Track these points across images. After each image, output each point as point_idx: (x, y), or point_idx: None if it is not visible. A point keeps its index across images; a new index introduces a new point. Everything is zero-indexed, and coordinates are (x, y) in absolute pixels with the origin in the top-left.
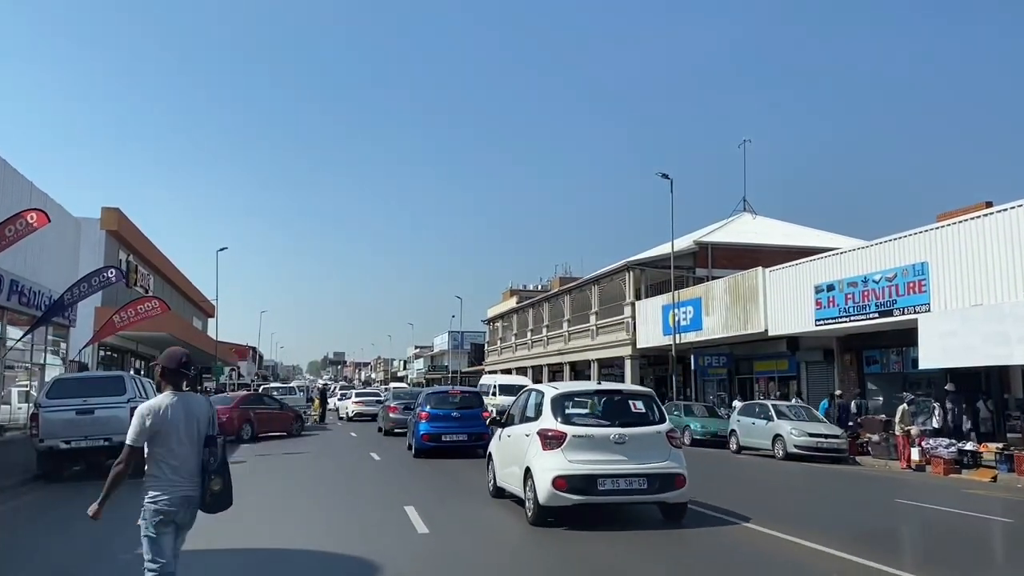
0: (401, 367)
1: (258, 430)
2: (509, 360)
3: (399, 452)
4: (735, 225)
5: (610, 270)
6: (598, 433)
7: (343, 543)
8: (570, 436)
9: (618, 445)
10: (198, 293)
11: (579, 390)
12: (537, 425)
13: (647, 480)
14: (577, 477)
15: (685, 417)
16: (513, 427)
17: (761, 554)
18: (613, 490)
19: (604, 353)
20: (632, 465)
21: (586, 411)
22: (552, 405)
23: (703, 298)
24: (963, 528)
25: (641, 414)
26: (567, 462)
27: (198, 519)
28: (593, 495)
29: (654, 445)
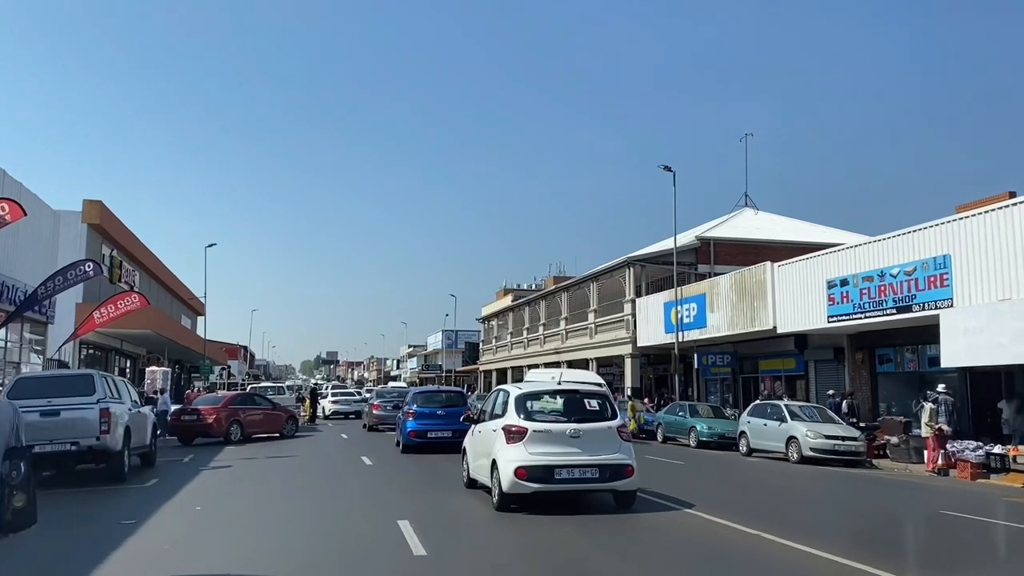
0: (394, 366)
1: (248, 431)
2: (504, 359)
3: (391, 455)
4: (737, 220)
5: (609, 266)
6: (556, 428)
7: (326, 571)
8: (531, 431)
9: (573, 439)
10: (187, 291)
11: (540, 390)
12: (502, 421)
13: (599, 470)
14: (536, 467)
15: (690, 418)
16: (484, 423)
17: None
18: (568, 479)
19: (603, 352)
20: (586, 457)
21: (546, 408)
22: (516, 403)
23: (707, 294)
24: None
25: (595, 411)
26: (528, 454)
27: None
28: (550, 483)
29: (606, 439)
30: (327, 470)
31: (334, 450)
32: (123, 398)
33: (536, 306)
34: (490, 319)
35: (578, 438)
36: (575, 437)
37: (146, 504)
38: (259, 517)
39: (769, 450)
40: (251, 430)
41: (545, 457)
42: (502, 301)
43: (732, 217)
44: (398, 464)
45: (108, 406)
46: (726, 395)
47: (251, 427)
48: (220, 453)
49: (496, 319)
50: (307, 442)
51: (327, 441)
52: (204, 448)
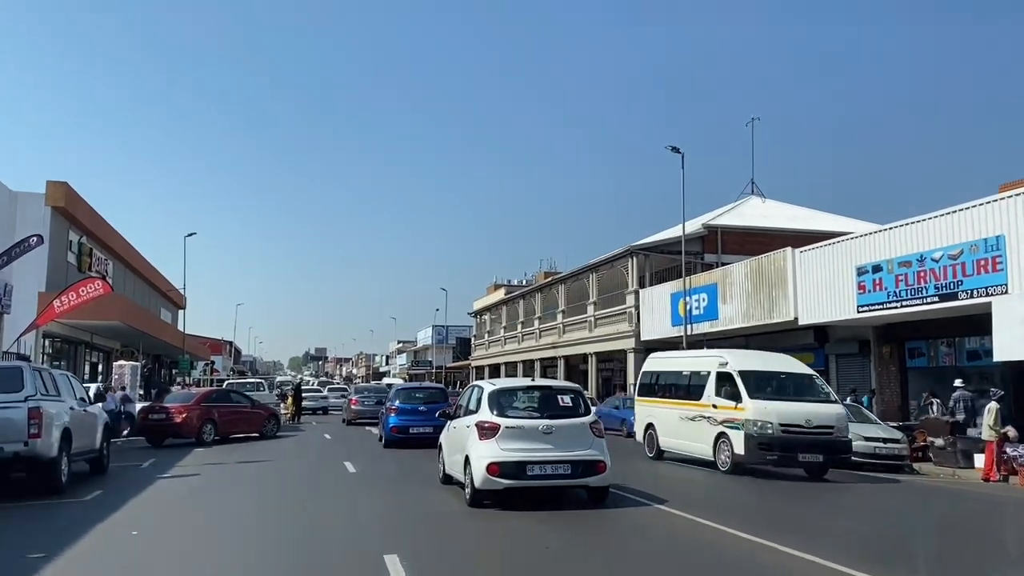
0: (383, 362)
1: (223, 431)
2: (498, 354)
3: (378, 459)
4: (743, 209)
5: (610, 256)
6: (528, 424)
7: None
8: (503, 427)
9: (546, 435)
10: (166, 283)
11: (514, 386)
12: (476, 417)
13: (571, 466)
14: (508, 463)
15: None
16: (459, 419)
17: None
18: (540, 475)
19: (603, 346)
20: (558, 453)
21: (520, 405)
22: (489, 399)
23: (719, 284)
24: None
25: (568, 407)
26: (500, 450)
27: None
28: (522, 479)
29: (579, 435)
30: (304, 478)
31: (315, 453)
32: (63, 395)
33: (531, 299)
34: (482, 313)
35: (551, 434)
36: (548, 433)
37: (75, 526)
38: (209, 548)
39: None
40: (227, 430)
41: (517, 453)
42: (495, 294)
43: (738, 205)
44: (382, 467)
45: (39, 405)
46: None
47: (227, 427)
48: (187, 456)
49: (489, 313)
50: (287, 443)
51: (308, 442)
52: (172, 450)
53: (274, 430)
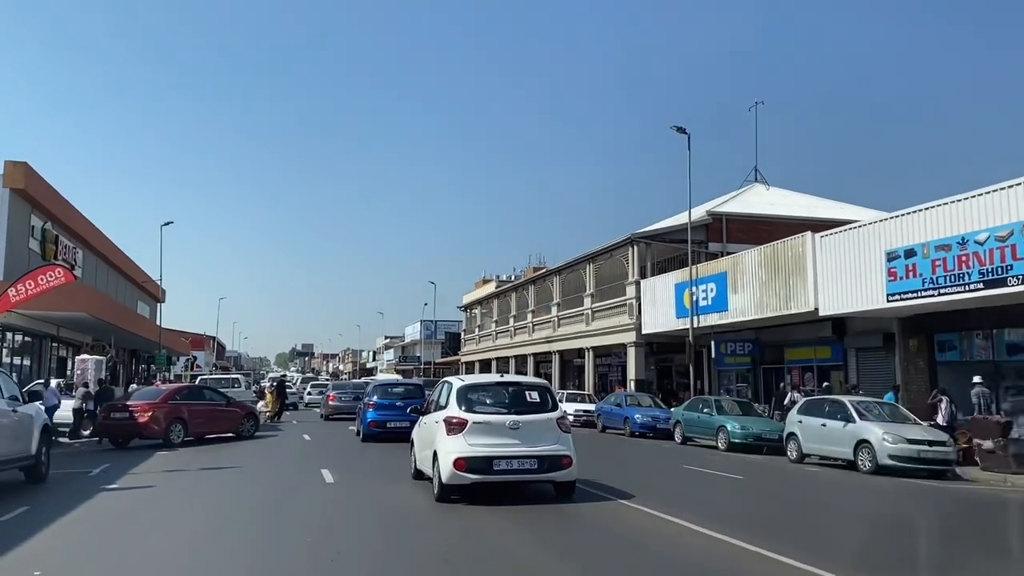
0: (370, 358)
1: (195, 431)
2: (488, 349)
3: (359, 461)
4: (747, 196)
5: (609, 245)
6: (495, 420)
7: None
8: (471, 422)
9: (513, 430)
10: (142, 274)
11: (482, 382)
12: (444, 413)
13: (538, 461)
14: (475, 458)
15: (717, 415)
16: (429, 415)
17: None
18: (507, 470)
19: (602, 340)
20: (525, 448)
21: (488, 400)
22: (457, 395)
23: (729, 272)
24: None
25: (536, 403)
26: (467, 445)
27: None
28: (489, 474)
29: (545, 430)
30: (274, 491)
31: (291, 457)
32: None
33: (524, 292)
34: (472, 307)
35: (518, 429)
36: (515, 429)
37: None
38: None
39: (829, 456)
40: (199, 430)
41: (484, 448)
42: (486, 288)
43: (742, 193)
44: (364, 476)
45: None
46: (742, 388)
47: (199, 426)
48: (147, 461)
49: (479, 307)
50: (264, 445)
51: (286, 444)
52: (134, 454)
53: (252, 430)
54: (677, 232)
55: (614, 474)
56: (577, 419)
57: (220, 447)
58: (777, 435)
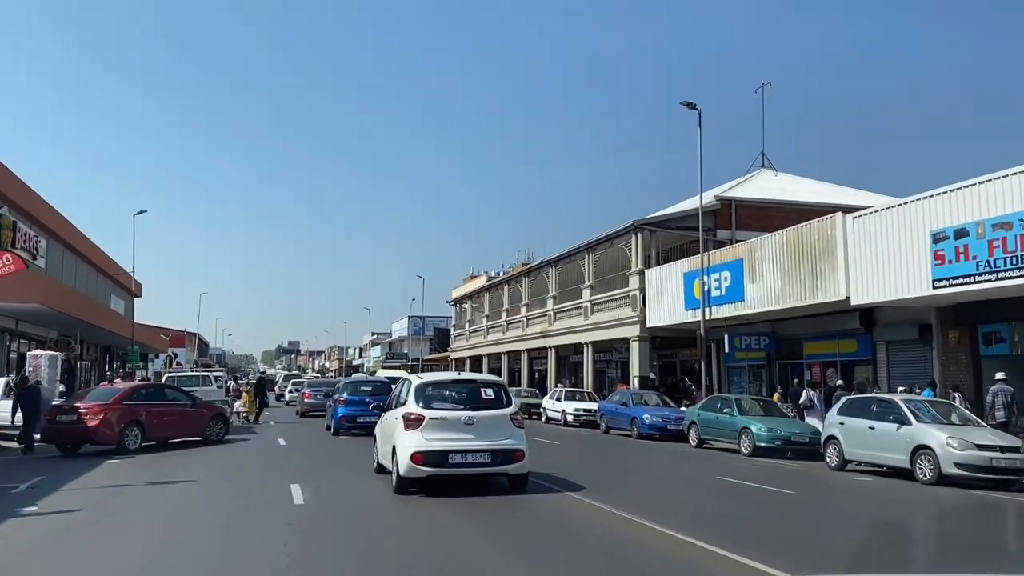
0: (357, 355)
1: (155, 435)
2: (479, 345)
3: (339, 480)
4: (756, 182)
5: (610, 233)
6: (451, 416)
7: None
8: (427, 418)
9: (468, 426)
10: (115, 266)
11: (439, 380)
12: (403, 409)
13: (491, 455)
14: (431, 452)
15: (739, 416)
16: (390, 411)
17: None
18: (462, 463)
19: (602, 334)
20: (479, 442)
21: (445, 397)
22: (415, 392)
23: (746, 260)
24: None
25: (491, 400)
26: (424, 440)
27: None
28: (445, 467)
29: (499, 426)
30: (228, 517)
31: (258, 468)
32: None
33: (517, 284)
34: (462, 301)
35: (472, 425)
36: (470, 424)
37: None
38: None
39: (878, 463)
40: (159, 434)
41: (440, 443)
42: (476, 281)
43: (749, 179)
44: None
45: None
46: (755, 385)
47: (159, 430)
48: (89, 473)
49: (470, 301)
50: (231, 452)
51: (257, 451)
52: (80, 462)
53: (221, 433)
54: (684, 219)
55: (637, 488)
56: (576, 419)
57: (182, 454)
58: (807, 437)
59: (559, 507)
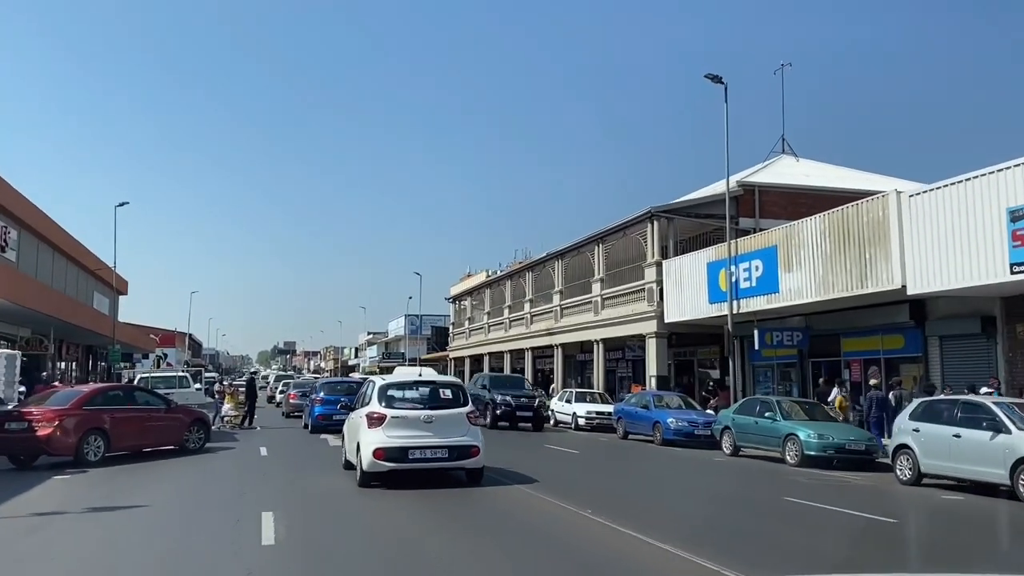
0: (353, 355)
1: (121, 444)
2: (480, 344)
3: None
4: (777, 168)
5: (623, 223)
6: (411, 414)
7: None
8: (389, 417)
9: (427, 424)
10: (96, 261)
11: (401, 381)
12: (367, 409)
13: (448, 451)
14: (392, 449)
15: (783, 420)
16: (356, 411)
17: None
18: (421, 458)
19: (614, 331)
20: (437, 439)
21: (406, 397)
22: (378, 393)
23: (780, 246)
24: None
25: (448, 399)
26: (385, 437)
27: None
28: (404, 462)
29: (456, 424)
30: (170, 564)
31: (231, 488)
32: None
33: (521, 279)
34: (461, 299)
35: (431, 423)
36: (428, 422)
37: None
38: None
39: (964, 478)
40: (127, 443)
41: (401, 440)
42: (476, 278)
43: (769, 165)
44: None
45: None
46: (784, 385)
47: (126, 439)
48: (25, 494)
49: (470, 297)
50: (206, 465)
51: (235, 464)
52: (25, 478)
53: (200, 442)
54: (704, 205)
55: (700, 515)
56: (589, 422)
57: (149, 467)
58: (863, 445)
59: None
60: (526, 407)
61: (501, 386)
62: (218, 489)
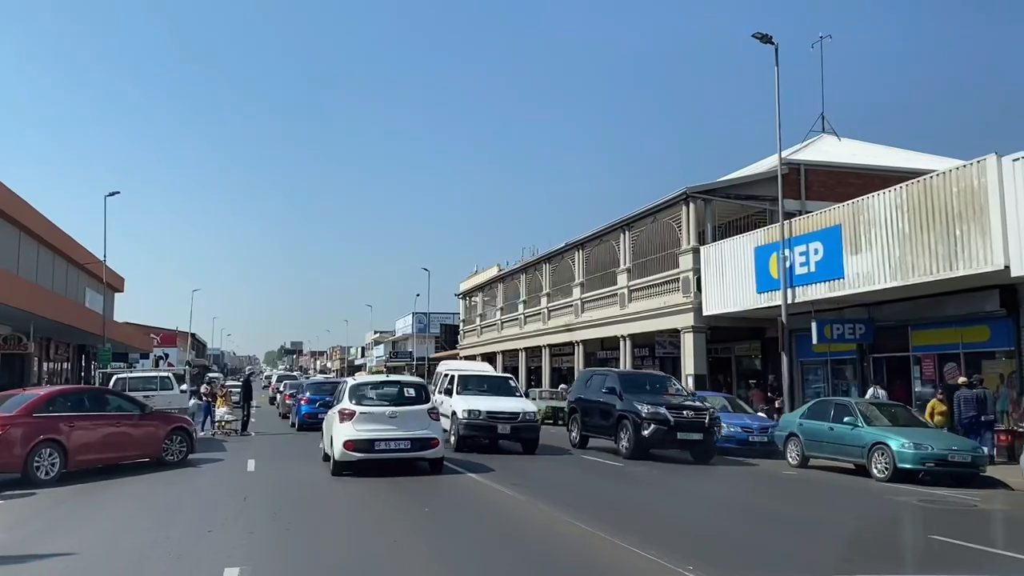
0: (359, 354)
1: (81, 459)
2: (493, 341)
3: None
4: (819, 147)
5: (653, 206)
6: (377, 410)
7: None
8: (358, 413)
9: (392, 419)
10: (87, 254)
11: (370, 381)
12: (340, 406)
13: (411, 443)
14: (360, 441)
15: (867, 427)
16: (332, 408)
17: None
18: (386, 449)
19: (644, 325)
20: (401, 432)
21: (374, 395)
22: (350, 392)
23: (845, 226)
24: None
25: (412, 397)
26: (355, 430)
27: None
28: (371, 453)
29: (418, 418)
30: None
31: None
32: None
33: (537, 272)
34: (472, 294)
35: (396, 418)
36: (393, 417)
37: None
38: None
39: None
40: (91, 456)
41: (368, 432)
42: (487, 272)
43: (809, 145)
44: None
45: None
46: (840, 384)
47: (89, 451)
48: None
49: (481, 293)
50: (180, 484)
51: (214, 483)
52: None
53: (182, 452)
54: (745, 185)
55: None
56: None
57: (110, 487)
58: (968, 456)
59: None
60: (692, 424)
61: (638, 389)
62: (182, 523)
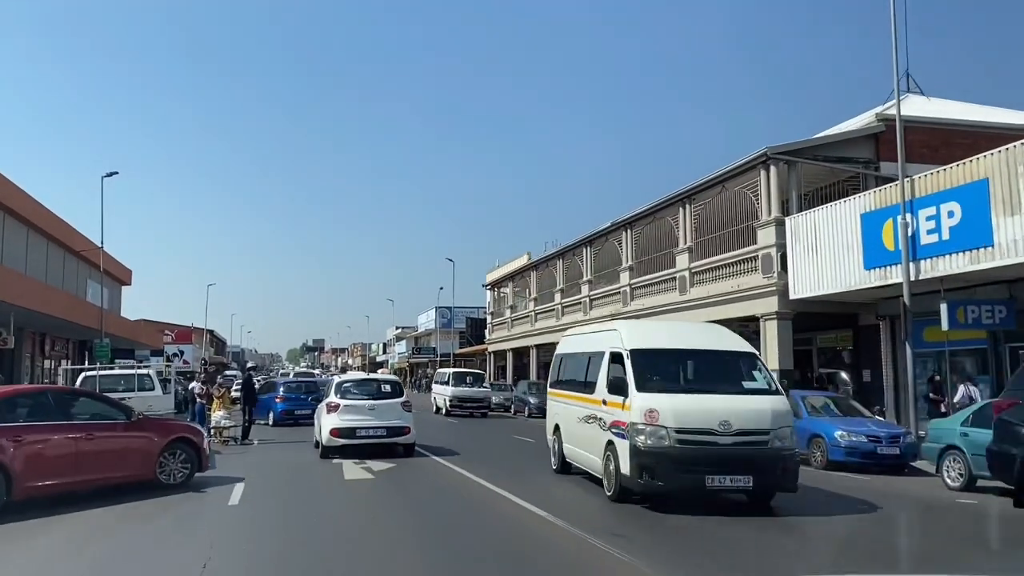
0: (381, 351)
1: (38, 482)
2: (525, 335)
3: None
4: (908, 106)
5: (723, 173)
6: (358, 403)
7: None
8: (342, 405)
9: (371, 410)
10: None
11: (353, 379)
12: (327, 399)
13: (386, 430)
14: (343, 428)
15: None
16: (322, 402)
17: None
18: (366, 436)
19: (713, 312)
20: (378, 421)
21: (356, 390)
22: (335, 387)
23: (994, 180)
24: None
25: (388, 392)
26: (339, 420)
27: None
28: (353, 439)
29: (394, 410)
30: None
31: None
32: None
33: (576, 256)
34: (501, 284)
35: (374, 409)
36: (372, 409)
37: None
38: None
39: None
40: (48, 479)
41: (350, 422)
42: (517, 261)
43: (894, 105)
44: None
45: None
46: (960, 380)
47: (46, 472)
48: None
49: (511, 283)
50: (130, 525)
51: (171, 529)
52: None
53: (185, 471)
54: (834, 145)
55: None
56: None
57: (72, 523)
58: None
59: None
60: None
61: None
62: None
